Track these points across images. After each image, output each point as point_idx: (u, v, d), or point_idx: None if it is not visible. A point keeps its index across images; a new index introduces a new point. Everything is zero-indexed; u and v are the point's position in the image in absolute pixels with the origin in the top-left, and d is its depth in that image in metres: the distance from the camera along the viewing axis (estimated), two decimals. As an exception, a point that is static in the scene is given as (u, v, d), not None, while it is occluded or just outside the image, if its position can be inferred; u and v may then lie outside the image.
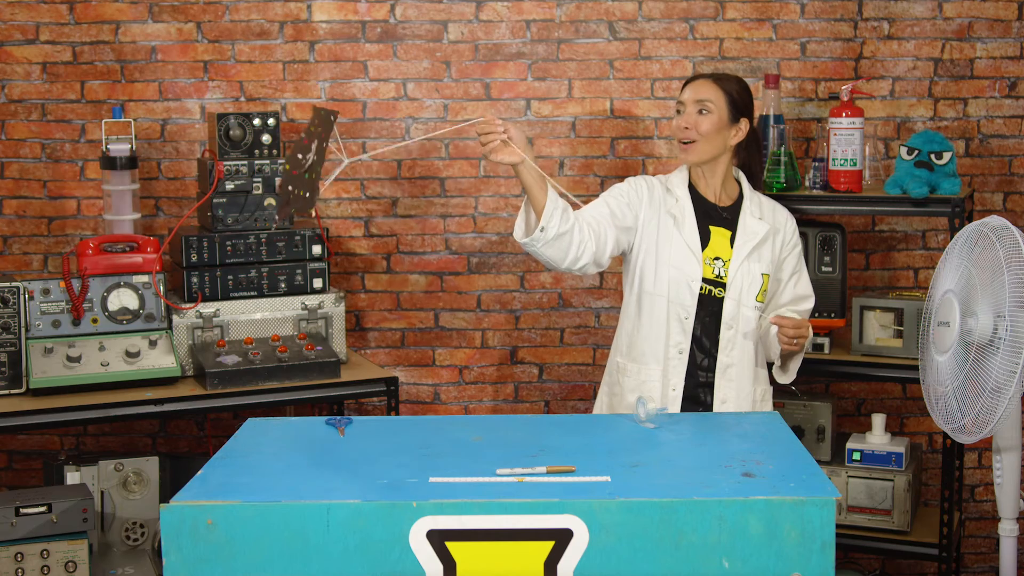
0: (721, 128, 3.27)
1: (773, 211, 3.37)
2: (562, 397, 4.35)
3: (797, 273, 3.39)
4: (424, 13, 4.20)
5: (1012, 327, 2.90)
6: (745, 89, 3.33)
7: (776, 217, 3.36)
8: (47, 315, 3.60)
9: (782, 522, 2.15)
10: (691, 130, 3.26)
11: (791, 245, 3.37)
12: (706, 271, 3.25)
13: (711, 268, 3.26)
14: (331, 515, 2.16)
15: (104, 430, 4.23)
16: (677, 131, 3.30)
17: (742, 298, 3.26)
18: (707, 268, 3.26)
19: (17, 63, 4.12)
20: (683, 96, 3.31)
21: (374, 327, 4.31)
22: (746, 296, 3.26)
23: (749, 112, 3.34)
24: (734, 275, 3.26)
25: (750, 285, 3.27)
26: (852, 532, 3.92)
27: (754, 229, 3.30)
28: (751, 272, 3.27)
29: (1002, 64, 4.21)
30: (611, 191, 3.32)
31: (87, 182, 4.18)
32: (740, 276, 3.26)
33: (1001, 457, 3.19)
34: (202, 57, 4.17)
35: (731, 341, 3.26)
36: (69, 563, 3.35)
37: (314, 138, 2.62)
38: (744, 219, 3.31)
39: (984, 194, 4.26)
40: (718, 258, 3.27)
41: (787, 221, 3.38)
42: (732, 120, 3.29)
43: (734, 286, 3.26)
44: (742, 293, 3.26)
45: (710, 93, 3.28)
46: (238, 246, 3.80)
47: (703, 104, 3.27)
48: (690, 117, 3.27)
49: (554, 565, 2.16)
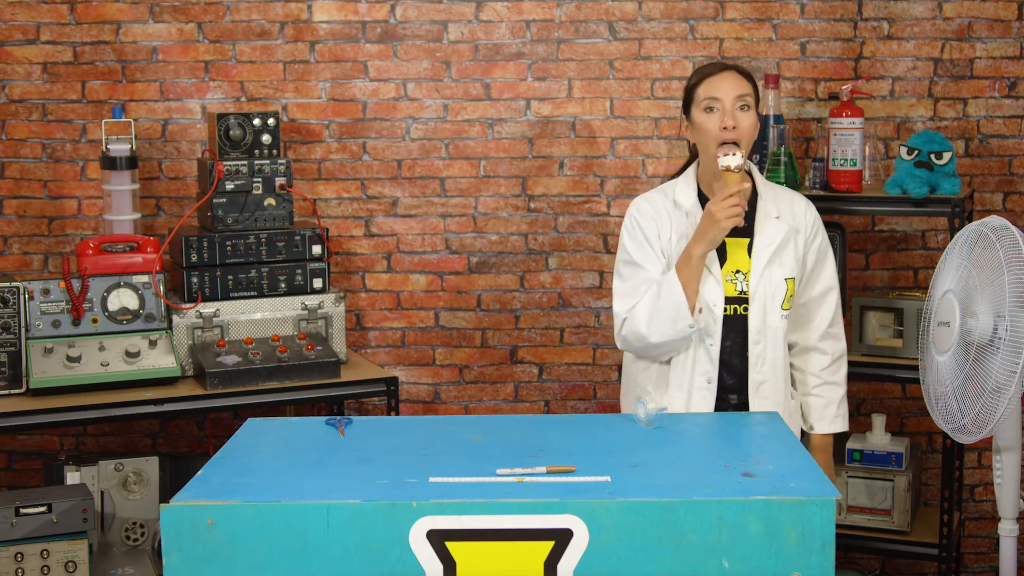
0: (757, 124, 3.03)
1: (791, 205, 3.10)
2: (562, 397, 4.35)
3: (819, 265, 3.11)
4: (424, 13, 4.20)
5: (1012, 327, 2.90)
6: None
7: (794, 211, 3.09)
8: (47, 315, 3.60)
9: (782, 522, 2.15)
10: (736, 129, 2.95)
11: (811, 239, 3.09)
12: (728, 289, 3.00)
13: (733, 285, 3.01)
14: (331, 515, 2.16)
15: (104, 430, 4.23)
16: (716, 132, 2.95)
17: (768, 310, 3.01)
18: (729, 286, 3.00)
19: (18, 63, 4.12)
20: (714, 91, 2.97)
21: (374, 327, 4.31)
22: (771, 306, 3.01)
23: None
24: (756, 287, 3.00)
25: (774, 294, 3.01)
26: (852, 532, 3.93)
27: (772, 233, 3.03)
28: (773, 280, 3.01)
29: (1002, 64, 4.22)
30: (630, 253, 3.06)
31: (87, 182, 4.18)
32: (762, 287, 3.00)
33: (1001, 457, 3.19)
34: (203, 57, 4.18)
35: (760, 357, 3.02)
36: (69, 563, 3.35)
37: None
38: (760, 222, 3.04)
39: (984, 194, 4.26)
40: (739, 271, 3.02)
41: (806, 212, 3.11)
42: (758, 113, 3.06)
43: (757, 299, 3.00)
44: (767, 304, 3.01)
45: (746, 87, 2.99)
46: (238, 246, 3.80)
47: (744, 100, 2.97)
48: (736, 116, 2.96)
49: (554, 565, 2.16)
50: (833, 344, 3.17)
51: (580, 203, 4.29)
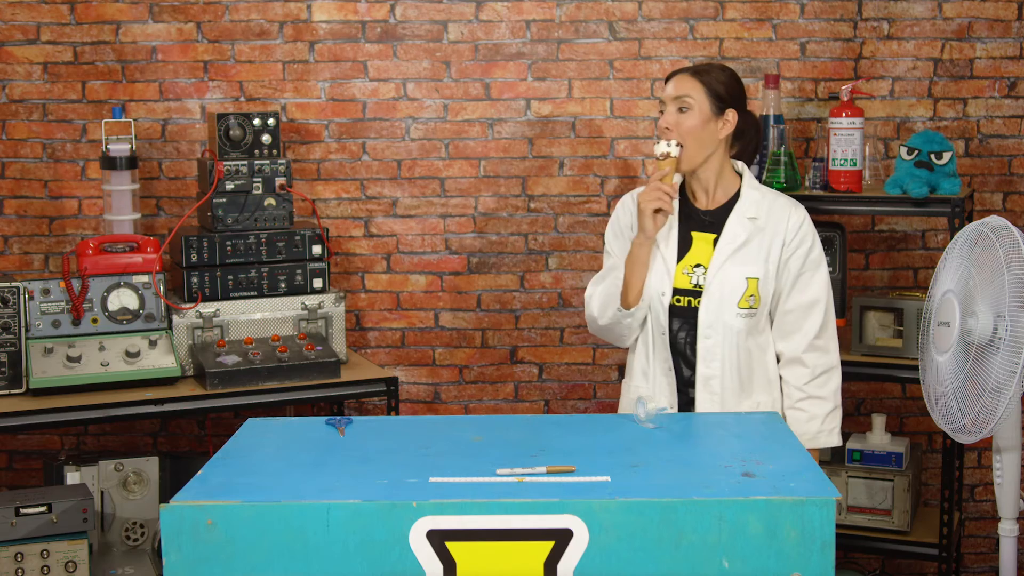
0: (706, 124, 3.07)
1: (771, 207, 3.12)
2: (562, 397, 4.35)
3: (806, 274, 3.11)
4: (424, 13, 4.20)
5: (1012, 327, 2.90)
6: (731, 77, 3.12)
7: (773, 213, 3.11)
8: (47, 315, 3.60)
9: (782, 522, 2.15)
10: (672, 130, 3.07)
11: (794, 244, 3.10)
12: (682, 281, 3.09)
13: (689, 277, 3.09)
14: (331, 515, 2.16)
15: (104, 430, 4.23)
16: (660, 132, 3.10)
17: (722, 306, 3.06)
18: (684, 278, 3.09)
19: (18, 63, 4.12)
20: (663, 93, 3.12)
21: (374, 327, 4.31)
22: (727, 303, 3.06)
23: (737, 101, 3.12)
24: (711, 281, 3.07)
25: (731, 291, 3.06)
26: (852, 532, 3.92)
27: (738, 231, 3.08)
28: (731, 277, 3.06)
29: (1002, 64, 4.22)
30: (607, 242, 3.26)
31: (88, 182, 4.18)
32: (718, 282, 3.06)
33: (1001, 457, 3.19)
34: (202, 57, 4.18)
35: (710, 352, 3.07)
36: (69, 563, 3.35)
37: None
38: (732, 220, 3.10)
39: (984, 194, 4.26)
40: (699, 265, 3.10)
41: (789, 216, 3.11)
42: (716, 113, 3.08)
43: (710, 293, 3.06)
44: (722, 300, 3.06)
45: (688, 87, 3.07)
46: (238, 246, 3.80)
47: (682, 101, 3.07)
48: (670, 117, 3.09)
49: (554, 565, 2.16)
50: (819, 357, 3.13)
51: (580, 203, 4.29)
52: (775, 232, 3.10)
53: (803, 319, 3.12)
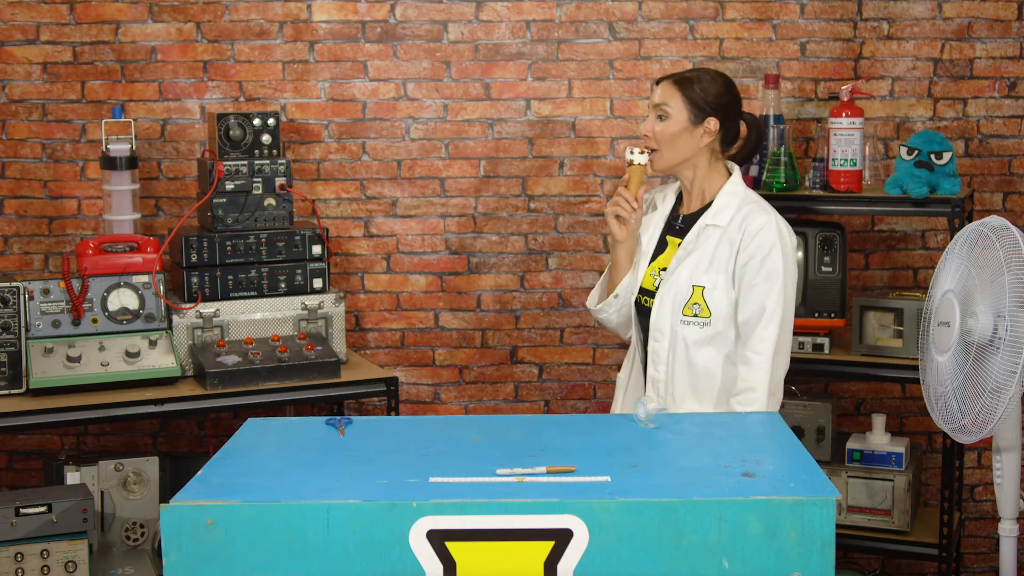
0: (682, 132, 3.08)
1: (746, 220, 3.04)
2: (562, 397, 4.35)
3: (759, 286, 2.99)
4: (424, 13, 4.20)
5: (1012, 327, 2.90)
6: (720, 85, 3.10)
7: (735, 222, 3.05)
8: (47, 315, 3.60)
9: (782, 522, 2.14)
10: (650, 137, 3.11)
11: (749, 252, 3.01)
12: (647, 282, 3.16)
13: (654, 280, 3.14)
14: (331, 515, 2.16)
15: (104, 430, 4.23)
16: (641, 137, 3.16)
17: (669, 310, 3.07)
18: (650, 280, 3.15)
19: (18, 63, 4.12)
20: (650, 98, 3.17)
21: (374, 327, 4.31)
22: (673, 308, 3.07)
23: (720, 108, 3.09)
24: (662, 285, 3.11)
25: (676, 297, 3.06)
26: (852, 532, 3.93)
27: (693, 237, 3.09)
28: (679, 282, 3.07)
29: (1002, 64, 4.22)
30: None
31: (87, 182, 4.18)
32: (666, 286, 3.09)
33: (1001, 457, 3.19)
34: (202, 57, 4.18)
35: (658, 354, 3.10)
36: (69, 563, 3.35)
37: None
38: (695, 226, 3.10)
39: (984, 194, 4.26)
40: (664, 268, 3.14)
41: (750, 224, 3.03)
42: (695, 122, 3.08)
43: (660, 296, 3.10)
44: (671, 305, 3.07)
45: (668, 96, 3.10)
46: (238, 246, 3.80)
47: (661, 109, 3.10)
48: (648, 124, 3.12)
49: (554, 565, 2.15)
50: (747, 372, 3.00)
51: (580, 203, 4.29)
52: (724, 238, 3.06)
53: (747, 329, 3.02)
